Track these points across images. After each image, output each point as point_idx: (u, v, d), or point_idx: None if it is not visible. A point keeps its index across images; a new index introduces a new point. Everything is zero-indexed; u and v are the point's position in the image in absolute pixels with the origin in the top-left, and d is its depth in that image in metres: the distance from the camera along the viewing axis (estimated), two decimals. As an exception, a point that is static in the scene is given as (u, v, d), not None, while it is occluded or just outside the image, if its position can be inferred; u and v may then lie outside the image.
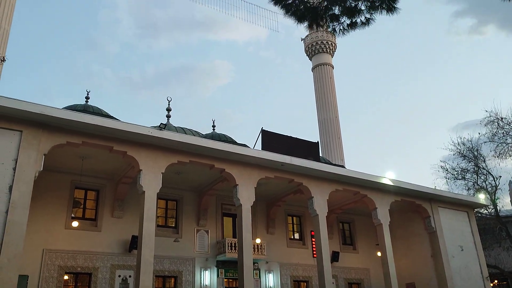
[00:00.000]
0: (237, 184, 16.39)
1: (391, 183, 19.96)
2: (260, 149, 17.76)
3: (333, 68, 38.56)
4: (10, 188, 11.90)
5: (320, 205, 18.08)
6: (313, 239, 20.44)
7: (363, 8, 8.46)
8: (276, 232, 21.40)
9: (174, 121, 23.95)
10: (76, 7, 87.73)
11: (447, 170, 29.52)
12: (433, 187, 23.57)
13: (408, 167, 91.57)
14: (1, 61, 8.13)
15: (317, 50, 38.14)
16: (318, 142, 21.26)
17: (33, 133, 12.81)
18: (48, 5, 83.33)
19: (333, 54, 39.01)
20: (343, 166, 27.23)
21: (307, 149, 19.66)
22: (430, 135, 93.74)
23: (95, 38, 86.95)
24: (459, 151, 28.91)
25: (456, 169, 29.13)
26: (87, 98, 20.24)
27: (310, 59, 39.28)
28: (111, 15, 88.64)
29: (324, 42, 37.64)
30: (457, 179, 29.09)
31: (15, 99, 12.49)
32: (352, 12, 8.42)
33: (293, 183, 18.33)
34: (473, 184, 28.37)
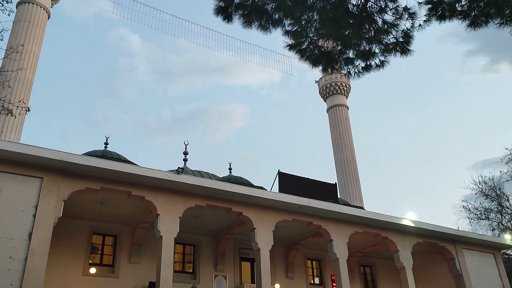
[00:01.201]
0: (255, 228, 16.18)
1: (412, 225, 19.46)
2: (277, 192, 17.63)
3: (348, 109, 38.74)
4: (30, 235, 11.95)
5: (340, 248, 17.65)
6: (334, 284, 19.81)
7: (377, 51, 8.59)
8: (296, 277, 20.84)
9: (190, 165, 24.11)
10: (96, 55, 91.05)
11: (469, 210, 28.83)
12: (456, 228, 22.93)
13: (429, 207, 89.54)
14: (26, 111, 8.40)
15: (331, 92, 38.50)
16: (336, 183, 21.04)
17: (53, 180, 12.99)
18: (69, 54, 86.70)
19: (348, 95, 39.31)
20: (362, 208, 26.76)
21: (325, 190, 19.44)
22: (449, 174, 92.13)
23: (113, 85, 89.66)
24: (480, 190, 28.31)
25: (479, 209, 28.45)
26: (106, 143, 20.59)
27: (325, 100, 39.60)
28: (129, 62, 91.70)
29: (338, 83, 38.05)
30: (480, 219, 28.33)
31: (36, 147, 12.79)
32: (367, 55, 8.55)
33: (311, 226, 18.02)
34: (498, 224, 27.55)
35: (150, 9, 31.91)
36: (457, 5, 8.07)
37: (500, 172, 27.03)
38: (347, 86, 38.81)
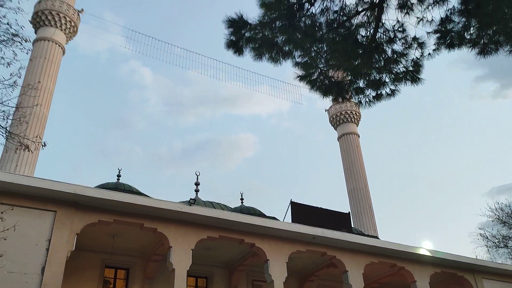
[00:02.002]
0: (268, 259, 15.95)
1: (429, 254, 19.03)
2: (290, 222, 17.44)
3: (359, 136, 38.67)
4: (43, 269, 11.91)
5: (356, 279, 17.26)
6: (350, 317, 19.25)
7: (387, 80, 8.65)
8: (311, 310, 20.34)
9: (202, 195, 24.08)
10: (108, 88, 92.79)
11: (487, 237, 28.17)
12: (475, 257, 22.35)
13: (445, 236, 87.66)
14: (42, 146, 8.56)
15: (341, 120, 38.56)
16: (349, 212, 20.78)
17: (66, 213, 13.04)
18: (82, 88, 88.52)
19: (358, 123, 39.31)
20: (376, 237, 26.30)
21: (338, 220, 19.20)
22: (463, 201, 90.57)
23: (125, 117, 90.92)
24: (497, 217, 27.73)
25: (497, 237, 27.78)
26: (118, 176, 20.70)
27: (335, 128, 39.62)
28: (140, 95, 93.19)
29: (348, 112, 38.14)
30: (499, 247, 27.64)
31: (49, 180, 12.92)
32: (377, 84, 8.61)
33: (325, 257, 17.71)
34: (517, 252, 26.79)
35: (161, 43, 32.72)
36: (465, 33, 8.14)
37: (517, 198, 26.50)
38: (358, 114, 38.87)
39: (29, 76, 23.88)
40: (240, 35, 8.39)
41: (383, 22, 8.15)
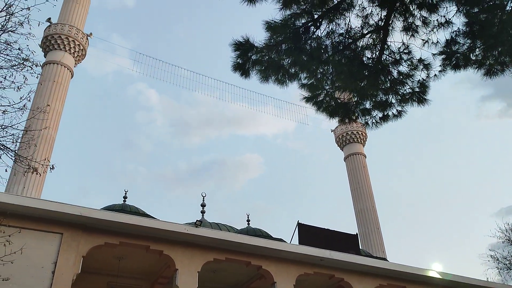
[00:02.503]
0: (275, 282, 15.73)
1: (439, 276, 18.69)
2: (297, 244, 17.27)
3: (365, 157, 38.51)
4: (48, 292, 11.82)
5: (365, 302, 16.96)
6: None
7: (394, 101, 8.68)
8: (319, 334, 19.94)
9: (208, 216, 23.93)
10: (115, 110, 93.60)
11: (497, 259, 27.67)
12: (486, 279, 21.91)
13: (454, 257, 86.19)
14: (51, 169, 8.65)
15: (348, 140, 38.49)
16: (357, 234, 20.56)
17: (73, 235, 13.01)
18: (89, 110, 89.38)
19: (365, 143, 39.21)
20: (385, 259, 25.94)
21: (346, 242, 18.99)
22: (472, 222, 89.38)
23: (131, 138, 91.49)
24: (508, 238, 27.29)
25: (508, 258, 27.28)
26: (125, 197, 20.71)
27: (342, 149, 39.52)
28: (147, 116, 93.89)
29: (355, 132, 38.09)
30: (510, 269, 27.10)
31: (56, 202, 12.94)
32: (384, 105, 8.64)
33: (333, 279, 17.45)
34: (530, 274, 26.27)
35: (167, 65, 33.13)
36: (471, 55, 8.20)
37: (527, 219, 26.15)
38: (364, 134, 38.80)
39: (38, 98, 24.19)
40: (246, 58, 8.49)
41: (389, 44, 8.23)
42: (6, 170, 8.37)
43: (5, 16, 7.89)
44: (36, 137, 16.04)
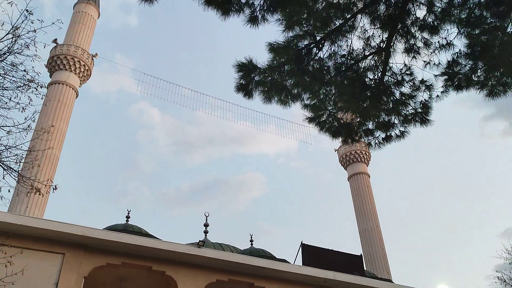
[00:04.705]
0: (279, 304, 15.51)
1: (445, 299, 18.39)
2: (301, 265, 17.07)
3: (369, 176, 38.34)
4: (49, 314, 11.69)
5: (370, 325, 16.65)
6: None
7: (396, 122, 8.69)
8: None
9: (210, 236, 23.74)
10: (117, 129, 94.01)
11: (505, 281, 27.16)
12: (493, 302, 21.52)
13: (460, 278, 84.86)
14: (54, 189, 8.67)
15: (351, 160, 38.39)
16: (361, 254, 20.32)
17: (74, 256, 12.93)
18: (91, 129, 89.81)
19: (368, 163, 39.09)
20: (390, 280, 25.55)
21: (350, 262, 18.76)
22: (478, 243, 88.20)
23: (133, 157, 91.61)
24: (515, 259, 26.84)
25: (515, 280, 26.78)
26: (127, 217, 20.60)
27: (345, 168, 39.39)
28: (149, 135, 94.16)
29: (358, 152, 38.02)
30: (517, 291, 26.59)
31: (58, 222, 12.89)
32: (386, 126, 8.65)
33: (338, 301, 17.18)
34: (538, 296, 25.75)
35: (169, 84, 33.37)
36: (473, 75, 8.23)
37: (534, 239, 25.78)
38: (367, 154, 38.71)
39: (43, 118, 24.35)
40: (249, 79, 8.56)
41: (391, 65, 8.28)
42: (9, 191, 8.37)
43: (12, 38, 8.02)
44: (39, 157, 16.08)
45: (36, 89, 7.92)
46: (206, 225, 24.14)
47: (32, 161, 9.25)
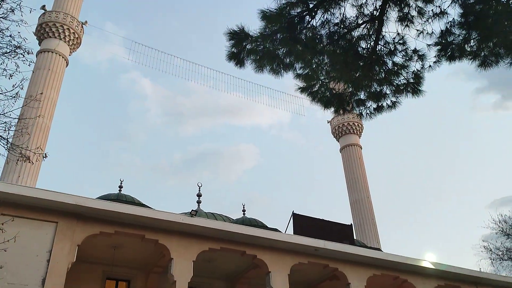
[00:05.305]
0: (270, 271, 15.84)
1: (432, 267, 18.86)
2: (292, 234, 17.36)
3: (361, 148, 38.58)
4: (43, 281, 11.86)
5: (358, 292, 17.11)
6: (353, 330, 19.03)
7: (388, 92, 8.67)
8: (313, 323, 20.14)
9: (203, 206, 23.97)
10: (109, 99, 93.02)
11: (490, 250, 27.89)
12: (478, 269, 22.13)
13: (448, 248, 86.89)
14: (44, 157, 8.61)
15: (344, 132, 38.52)
16: (351, 224, 20.68)
17: (67, 224, 13.02)
18: (83, 99, 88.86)
19: (360, 134, 39.26)
20: (379, 249, 26.13)
21: (340, 232, 19.10)
22: (466, 213, 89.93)
23: (126, 128, 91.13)
24: (501, 229, 27.50)
25: (501, 249, 27.51)
26: (120, 187, 20.68)
27: (338, 140, 39.56)
28: (141, 105, 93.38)
29: (351, 123, 38.11)
30: (503, 259, 27.36)
31: (51, 191, 12.92)
32: (378, 96, 8.63)
33: (328, 269, 17.58)
34: (522, 265, 26.53)
35: (161, 54, 32.89)
36: (466, 46, 8.18)
37: (521, 210, 26.36)
38: (360, 125, 38.82)
39: (33, 87, 24.02)
40: (241, 47, 8.45)
41: (384, 34, 8.20)
42: (-2, 158, 8.33)
43: (-4, 2, 7.80)
44: (29, 125, 15.94)
45: (23, 56, 7.79)
46: (199, 195, 24.32)
47: (22, 129, 9.17)
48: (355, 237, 24.52)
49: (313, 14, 8.00)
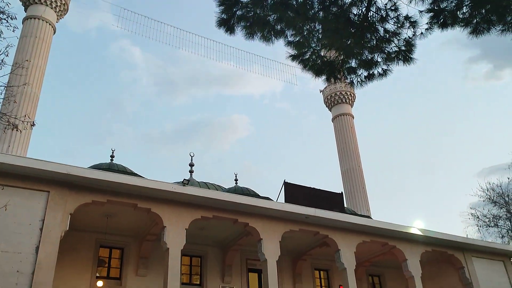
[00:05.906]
0: (261, 239, 16.13)
1: (420, 233, 19.30)
2: (284, 202, 17.58)
3: (353, 117, 38.69)
4: (37, 249, 11.98)
5: (348, 258, 17.52)
6: (342, 294, 19.62)
7: (379, 60, 8.62)
8: (303, 287, 20.70)
9: (196, 176, 24.07)
10: (99, 68, 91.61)
11: (478, 217, 28.58)
12: (465, 236, 22.72)
13: (436, 215, 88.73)
14: (31, 125, 8.53)
15: (336, 101, 38.50)
16: (342, 192, 20.94)
17: (60, 193, 13.06)
18: (73, 68, 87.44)
19: (353, 104, 39.29)
20: (369, 217, 26.58)
21: (331, 200, 19.35)
22: (455, 181, 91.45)
23: (116, 98, 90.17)
24: (488, 197, 28.09)
25: (488, 216, 28.19)
26: (112, 156, 20.64)
27: (330, 109, 39.59)
28: (131, 75, 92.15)
29: (343, 93, 38.06)
30: (489, 226, 28.08)
31: (42, 160, 12.89)
32: (369, 64, 8.57)
33: (318, 236, 17.93)
34: (507, 231, 27.28)
35: (151, 21, 32.25)
36: (458, 12, 8.09)
37: (508, 178, 26.89)
38: (352, 95, 38.79)
39: (19, 55, 23.56)
40: (231, 13, 8.29)
41: (375, 0, 8.07)
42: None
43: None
44: (17, 93, 15.67)
45: (7, 21, 7.57)
46: (191, 164, 24.37)
47: (9, 97, 9.03)
48: (345, 205, 24.90)
49: (305, -21, 7.83)
